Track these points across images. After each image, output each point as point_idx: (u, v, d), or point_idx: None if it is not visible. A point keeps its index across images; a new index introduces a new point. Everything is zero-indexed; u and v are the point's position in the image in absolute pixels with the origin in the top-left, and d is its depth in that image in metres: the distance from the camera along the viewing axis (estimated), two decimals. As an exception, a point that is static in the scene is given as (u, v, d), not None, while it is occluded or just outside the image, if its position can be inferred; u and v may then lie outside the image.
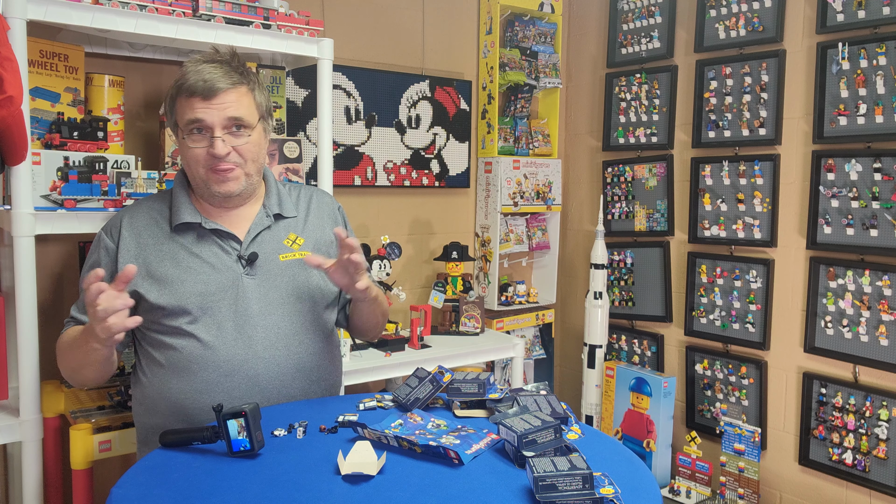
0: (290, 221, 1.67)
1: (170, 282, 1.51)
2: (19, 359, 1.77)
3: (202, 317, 1.51)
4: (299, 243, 1.64)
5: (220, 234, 1.58)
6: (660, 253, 3.07)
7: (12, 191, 1.73)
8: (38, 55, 1.96)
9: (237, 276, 1.55)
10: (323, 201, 1.76)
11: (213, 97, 1.49)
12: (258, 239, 1.60)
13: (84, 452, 1.83)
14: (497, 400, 1.47)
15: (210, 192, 1.56)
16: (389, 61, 2.95)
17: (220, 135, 1.50)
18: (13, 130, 1.26)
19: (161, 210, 1.60)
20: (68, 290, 2.25)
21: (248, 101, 1.54)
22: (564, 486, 1.06)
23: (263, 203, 1.65)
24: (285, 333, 1.57)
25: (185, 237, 1.56)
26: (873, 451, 2.42)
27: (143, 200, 1.65)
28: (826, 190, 2.51)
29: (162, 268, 1.52)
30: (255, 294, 1.55)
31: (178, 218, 1.56)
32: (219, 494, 1.12)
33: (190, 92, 1.49)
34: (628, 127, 3.18)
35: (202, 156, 1.51)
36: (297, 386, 1.59)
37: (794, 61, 2.62)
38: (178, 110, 1.53)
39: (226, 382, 1.50)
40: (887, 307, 2.37)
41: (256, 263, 1.57)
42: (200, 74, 1.49)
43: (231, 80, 1.51)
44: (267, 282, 1.57)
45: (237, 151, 1.53)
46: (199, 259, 1.55)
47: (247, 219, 1.62)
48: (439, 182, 3.12)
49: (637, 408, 2.86)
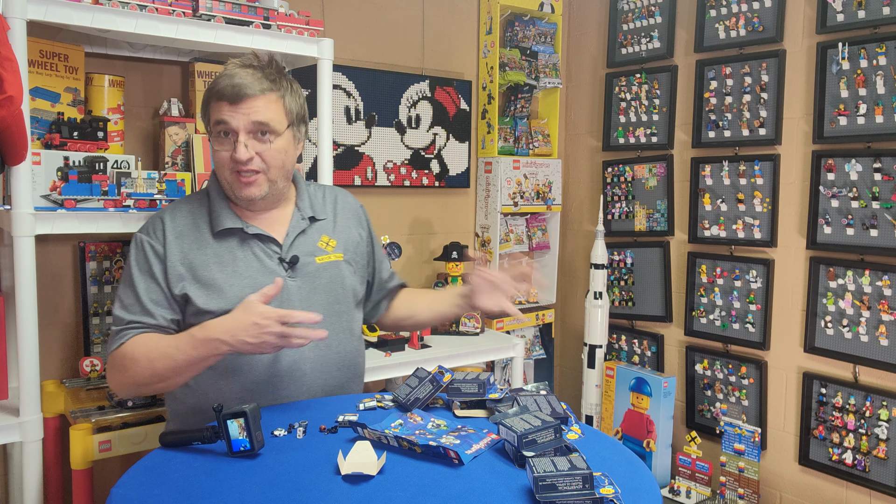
0: (322, 223, 1.69)
1: (217, 286, 1.52)
2: (19, 359, 1.77)
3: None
4: (332, 245, 1.67)
5: (262, 237, 1.59)
6: (660, 253, 3.07)
7: (12, 191, 1.73)
8: (38, 55, 1.97)
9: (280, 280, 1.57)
10: (347, 202, 1.78)
11: (239, 102, 1.50)
12: (296, 242, 1.62)
13: (84, 452, 1.83)
14: (497, 400, 1.47)
15: (234, 196, 1.58)
16: (389, 61, 2.95)
17: (244, 139, 1.51)
18: (13, 130, 1.27)
19: (200, 213, 1.60)
20: (68, 290, 2.25)
21: (276, 108, 1.54)
22: (564, 486, 1.06)
23: (297, 205, 1.67)
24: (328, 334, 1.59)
25: (227, 241, 1.57)
26: (873, 451, 2.42)
27: (181, 201, 1.65)
28: (826, 190, 2.51)
29: (208, 272, 1.53)
30: (297, 296, 1.58)
31: (220, 224, 1.57)
32: (219, 494, 1.12)
33: (220, 96, 1.51)
34: (628, 127, 3.18)
35: (226, 159, 1.53)
36: (338, 383, 1.63)
37: (794, 61, 2.62)
38: (210, 112, 1.55)
39: (274, 381, 1.54)
40: (887, 307, 2.37)
41: (297, 266, 1.59)
42: (232, 79, 1.51)
43: (260, 87, 1.52)
44: (307, 283, 1.60)
45: (261, 157, 1.53)
46: (244, 263, 1.56)
47: (282, 222, 1.64)
48: (439, 182, 3.12)
49: (637, 408, 2.86)
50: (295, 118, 1.60)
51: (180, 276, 1.53)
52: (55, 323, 2.23)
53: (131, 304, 1.53)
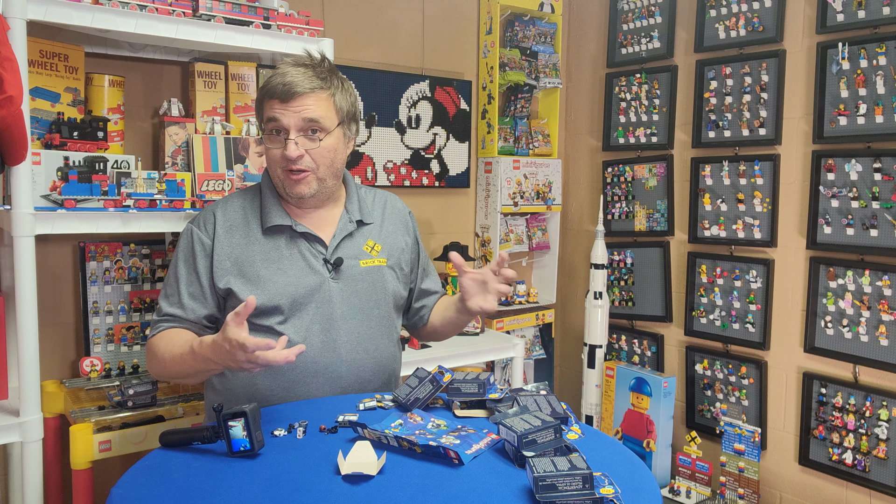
0: (369, 227, 1.71)
1: (262, 282, 1.55)
2: (19, 359, 1.77)
3: (292, 317, 1.56)
4: (377, 250, 1.68)
5: (309, 237, 1.61)
6: (660, 253, 3.07)
7: (12, 191, 1.73)
8: (38, 55, 1.97)
9: (324, 280, 1.59)
10: (396, 207, 1.80)
11: (290, 100, 1.52)
12: (342, 244, 1.64)
13: (84, 452, 1.83)
14: (497, 400, 1.47)
15: (286, 193, 1.60)
16: (389, 61, 2.95)
17: (294, 137, 1.53)
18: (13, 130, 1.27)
19: (253, 208, 1.63)
20: (68, 290, 2.25)
21: (326, 105, 1.56)
22: (564, 486, 1.06)
23: (346, 207, 1.68)
24: (366, 337, 1.62)
25: (276, 238, 1.60)
26: (873, 451, 2.42)
27: (234, 196, 1.68)
28: (826, 190, 2.51)
29: (254, 268, 1.56)
30: (338, 298, 1.59)
31: (270, 220, 1.60)
32: (219, 494, 1.12)
33: (271, 94, 1.53)
34: (628, 127, 3.18)
35: (277, 157, 1.55)
36: (374, 388, 1.65)
37: (794, 61, 2.62)
38: (263, 110, 1.57)
39: (311, 382, 1.56)
40: (887, 307, 2.37)
41: (340, 269, 1.61)
42: (284, 77, 1.52)
43: (311, 85, 1.53)
44: (349, 286, 1.61)
45: (310, 156, 1.55)
46: (290, 261, 1.58)
47: (330, 223, 1.66)
48: (439, 182, 3.12)
49: (637, 408, 2.86)
50: (345, 116, 1.61)
51: (226, 270, 1.56)
52: (55, 323, 2.23)
53: (171, 293, 1.60)
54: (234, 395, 1.58)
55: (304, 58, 1.59)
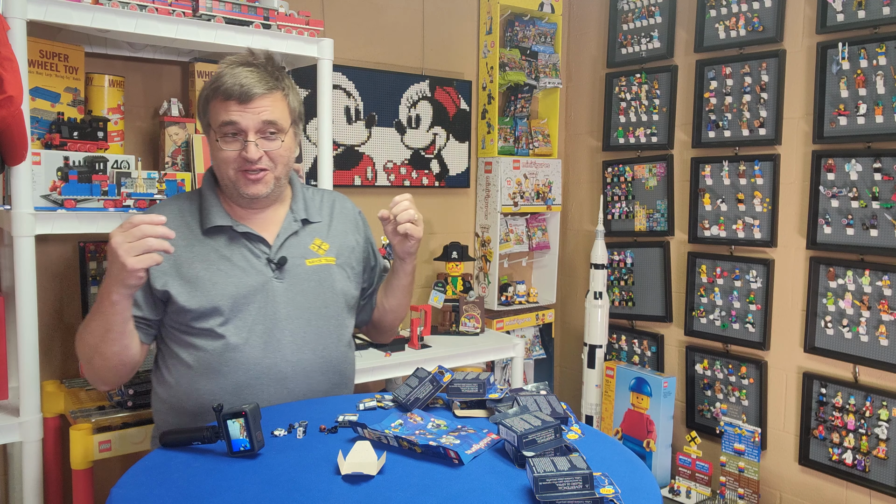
0: (315, 227, 1.68)
1: (201, 283, 1.52)
2: (19, 359, 1.77)
3: (233, 319, 1.52)
4: (324, 248, 1.66)
5: (251, 237, 1.59)
6: (660, 253, 3.07)
7: (12, 191, 1.73)
8: (38, 55, 1.97)
9: (267, 280, 1.57)
10: (345, 207, 1.78)
11: (249, 101, 1.51)
12: (286, 243, 1.62)
13: (84, 452, 1.83)
14: (497, 400, 1.47)
15: (238, 194, 1.57)
16: (389, 61, 2.95)
17: (254, 139, 1.52)
18: (13, 130, 1.26)
19: (191, 210, 1.61)
20: (68, 290, 2.25)
21: (282, 106, 1.56)
22: (564, 486, 1.06)
23: (291, 207, 1.67)
24: (311, 337, 1.59)
25: (216, 240, 1.57)
26: (873, 451, 2.42)
27: (172, 199, 1.66)
28: (826, 190, 2.51)
29: (193, 269, 1.53)
30: (283, 298, 1.57)
31: (210, 221, 1.57)
32: (219, 494, 1.12)
33: (226, 95, 1.51)
34: (628, 127, 3.18)
35: (233, 158, 1.53)
36: (323, 389, 1.62)
37: (794, 61, 2.62)
38: (213, 112, 1.54)
39: (255, 384, 1.52)
40: (887, 307, 2.37)
41: (285, 268, 1.59)
42: (237, 78, 1.51)
43: (267, 86, 1.53)
44: (294, 286, 1.59)
45: (269, 156, 1.55)
46: (230, 262, 1.56)
47: (275, 222, 1.63)
48: (439, 182, 3.12)
49: (637, 408, 2.86)
50: (297, 116, 1.62)
51: (163, 272, 1.52)
52: (55, 323, 2.23)
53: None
54: (178, 400, 1.54)
55: (247, 56, 1.58)
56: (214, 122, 1.54)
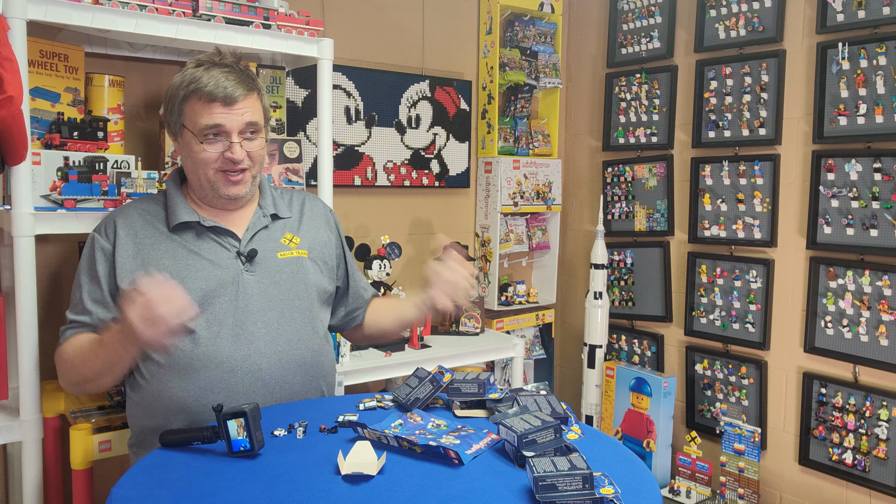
0: (285, 222, 1.68)
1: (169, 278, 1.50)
2: (19, 359, 1.77)
3: (203, 313, 1.51)
4: (296, 242, 1.66)
5: (219, 231, 1.58)
6: (660, 253, 3.07)
7: (12, 191, 1.73)
8: (38, 55, 1.96)
9: (237, 273, 1.56)
10: (315, 205, 1.78)
11: (233, 104, 1.52)
12: (256, 237, 1.61)
13: (84, 452, 1.83)
14: (497, 400, 1.47)
15: (216, 195, 1.57)
16: (389, 61, 2.95)
17: (238, 140, 1.53)
18: (13, 130, 1.26)
19: (155, 212, 1.60)
20: (68, 290, 2.25)
21: (258, 106, 1.58)
22: (564, 486, 1.06)
23: (259, 203, 1.67)
24: (286, 330, 1.58)
25: (183, 236, 1.57)
26: (873, 451, 2.42)
27: (135, 202, 1.65)
28: (826, 190, 2.51)
29: (161, 266, 1.52)
30: (255, 291, 1.56)
31: (176, 218, 1.56)
32: (219, 494, 1.12)
33: (210, 97, 1.51)
34: (628, 127, 3.18)
35: (214, 159, 1.53)
36: (299, 382, 1.60)
37: (794, 61, 2.62)
38: (190, 113, 1.53)
39: (229, 379, 1.50)
40: (887, 307, 2.37)
41: (255, 261, 1.58)
42: (217, 80, 1.51)
43: (248, 87, 1.55)
44: (266, 278, 1.58)
45: (250, 156, 1.56)
46: (199, 256, 1.55)
47: (244, 219, 1.64)
48: (439, 182, 3.12)
49: (637, 408, 2.86)
50: (268, 115, 1.63)
51: (132, 270, 1.52)
52: (55, 323, 2.23)
53: (76, 303, 1.57)
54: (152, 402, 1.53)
55: (214, 55, 1.58)
56: (193, 123, 1.53)
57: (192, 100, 1.52)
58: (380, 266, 2.64)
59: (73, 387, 1.56)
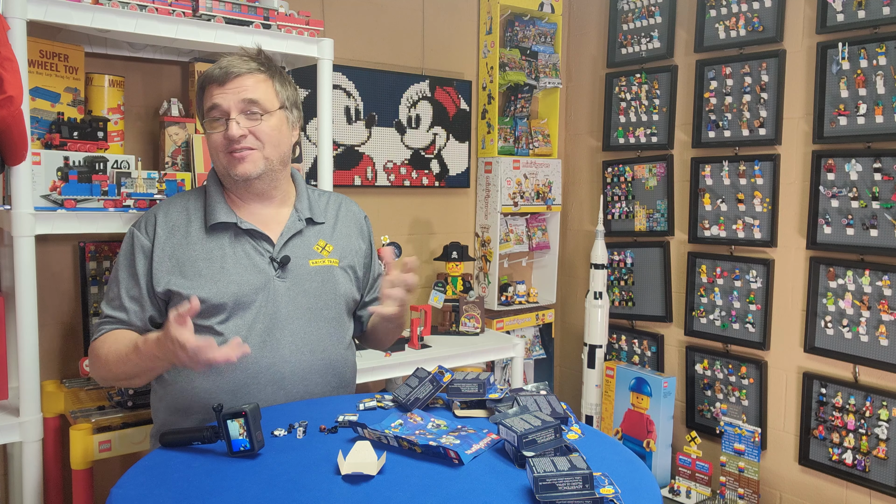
0: (320, 228, 1.68)
1: (203, 280, 1.52)
2: (19, 359, 1.77)
3: (233, 317, 1.52)
4: (329, 250, 1.66)
5: (255, 234, 1.59)
6: (660, 253, 3.07)
7: (12, 191, 1.73)
8: (38, 55, 1.97)
9: (269, 279, 1.56)
10: (351, 210, 1.77)
11: (227, 81, 1.52)
12: (290, 243, 1.61)
13: (84, 452, 1.83)
14: (497, 400, 1.47)
15: (231, 179, 1.57)
16: (389, 61, 2.95)
17: (235, 116, 1.52)
18: (13, 130, 1.27)
19: (196, 207, 1.61)
20: (68, 290, 2.25)
21: (265, 87, 1.56)
22: (564, 486, 1.06)
23: (295, 206, 1.66)
24: (311, 339, 1.59)
25: (219, 237, 1.57)
26: (873, 451, 2.42)
27: (178, 196, 1.66)
28: (826, 190, 2.51)
29: (195, 267, 1.53)
30: (284, 297, 1.57)
31: (214, 217, 1.57)
32: (219, 494, 1.12)
33: (209, 80, 1.54)
34: (628, 127, 3.18)
35: (220, 140, 1.54)
36: (321, 391, 1.61)
37: (794, 61, 2.62)
38: (203, 102, 1.57)
39: (252, 384, 1.52)
40: (887, 307, 2.37)
41: (288, 267, 1.58)
42: (220, 64, 1.54)
43: (248, 67, 1.55)
44: (296, 286, 1.59)
45: (253, 134, 1.54)
46: (234, 259, 1.55)
47: (279, 221, 1.63)
48: (439, 182, 3.12)
49: (637, 408, 2.86)
50: (287, 102, 1.61)
51: (167, 271, 1.53)
52: (55, 323, 2.23)
53: (113, 297, 1.58)
54: (175, 399, 1.55)
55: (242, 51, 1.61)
56: (204, 111, 1.56)
57: (203, 89, 1.57)
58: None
59: (104, 381, 1.60)
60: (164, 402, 1.58)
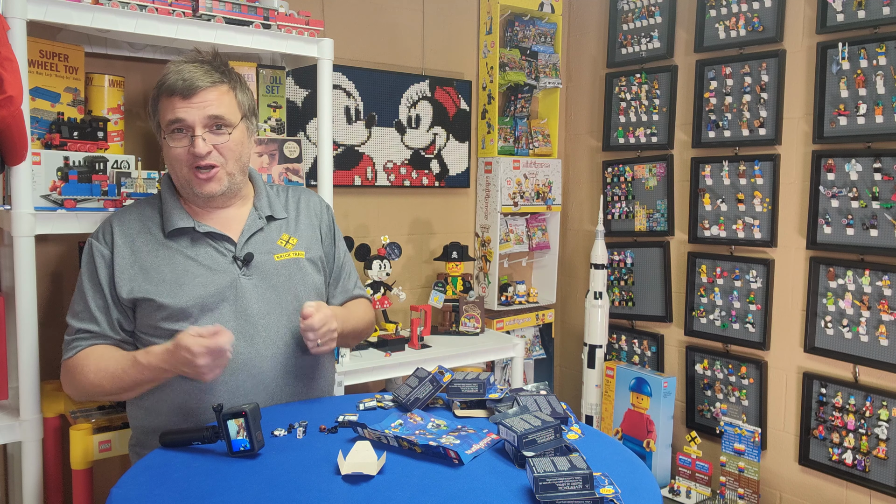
0: (281, 223, 1.67)
1: (167, 286, 1.51)
2: (19, 359, 1.77)
3: (202, 318, 1.51)
4: (293, 243, 1.65)
5: (214, 236, 1.58)
6: (660, 253, 3.07)
7: (12, 191, 1.73)
8: (38, 55, 1.96)
9: (234, 278, 1.56)
10: (311, 201, 1.77)
11: (192, 96, 1.49)
12: (252, 240, 1.61)
13: (84, 452, 1.83)
14: (497, 400, 1.48)
15: (193, 193, 1.56)
16: (389, 61, 2.95)
17: (201, 133, 1.50)
18: (13, 130, 1.26)
19: (151, 216, 1.60)
20: (68, 290, 2.25)
21: (228, 100, 1.55)
22: (564, 486, 1.06)
23: (254, 204, 1.66)
24: (285, 332, 1.58)
25: (179, 242, 1.56)
26: (873, 451, 2.42)
27: (131, 206, 1.65)
28: (826, 190, 2.51)
29: (159, 273, 1.52)
30: (253, 294, 1.56)
31: (171, 224, 1.56)
32: (219, 494, 1.12)
33: (170, 91, 1.50)
34: (628, 127, 3.18)
35: (183, 155, 1.52)
36: (300, 383, 1.60)
37: (794, 61, 2.62)
38: (161, 110, 1.54)
39: (230, 381, 1.51)
40: (887, 307, 2.37)
41: (252, 264, 1.57)
42: (181, 74, 1.50)
43: (211, 79, 1.52)
44: (264, 281, 1.58)
45: (218, 150, 1.53)
46: (196, 262, 1.55)
47: (238, 220, 1.62)
48: (439, 182, 3.12)
49: (637, 408, 2.86)
50: (247, 110, 1.60)
51: (130, 278, 1.52)
52: (55, 323, 2.23)
53: (80, 310, 1.56)
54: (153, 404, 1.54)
55: (195, 54, 1.58)
56: (162, 121, 1.53)
57: (161, 97, 1.53)
58: (380, 266, 2.64)
59: (83, 397, 1.56)
60: (141, 408, 1.57)
